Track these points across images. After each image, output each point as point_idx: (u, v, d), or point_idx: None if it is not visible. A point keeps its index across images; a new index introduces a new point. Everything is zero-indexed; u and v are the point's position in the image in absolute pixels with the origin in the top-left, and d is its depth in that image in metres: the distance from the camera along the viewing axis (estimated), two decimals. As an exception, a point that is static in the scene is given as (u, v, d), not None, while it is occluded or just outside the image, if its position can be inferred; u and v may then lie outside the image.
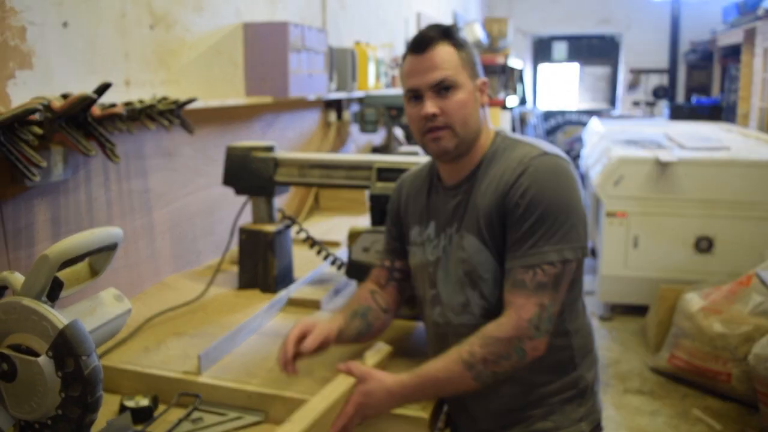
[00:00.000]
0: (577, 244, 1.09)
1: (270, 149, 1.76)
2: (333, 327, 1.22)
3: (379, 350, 1.28)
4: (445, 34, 1.14)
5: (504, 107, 6.23)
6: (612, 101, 9.26)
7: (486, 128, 1.20)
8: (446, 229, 1.21)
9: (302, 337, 1.18)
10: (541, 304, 1.07)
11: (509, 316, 1.08)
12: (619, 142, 4.46)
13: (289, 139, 2.69)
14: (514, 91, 7.05)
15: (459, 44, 1.15)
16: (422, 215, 1.27)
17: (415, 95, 1.15)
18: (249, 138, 2.32)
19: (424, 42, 1.14)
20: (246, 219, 1.79)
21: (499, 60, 6.45)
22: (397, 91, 3.70)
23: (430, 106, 1.13)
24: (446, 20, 6.17)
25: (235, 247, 1.80)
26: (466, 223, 1.17)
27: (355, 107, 3.39)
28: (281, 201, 2.56)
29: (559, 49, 9.27)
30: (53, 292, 1.05)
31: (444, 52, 1.13)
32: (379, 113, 3.17)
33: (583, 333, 1.22)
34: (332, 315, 1.28)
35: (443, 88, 1.12)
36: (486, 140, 1.19)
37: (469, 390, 1.09)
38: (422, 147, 1.19)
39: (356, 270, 1.58)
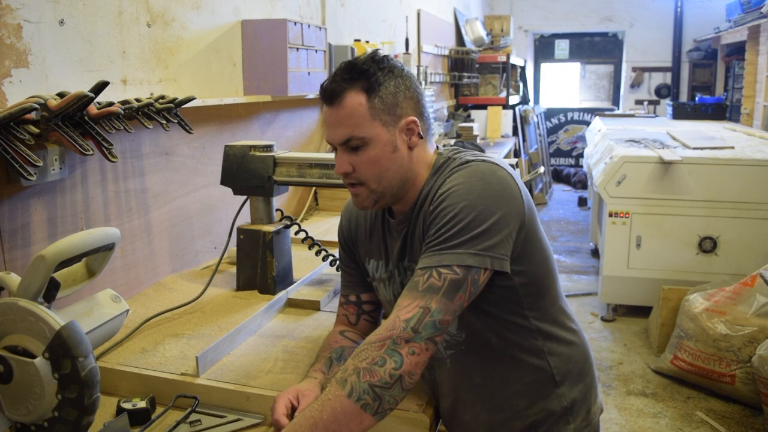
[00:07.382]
0: (487, 251, 0.97)
1: (269, 148, 1.74)
2: (316, 387, 1.12)
3: None
4: (358, 77, 1.04)
5: (505, 106, 6.24)
6: (614, 100, 9.24)
7: (419, 168, 1.10)
8: (399, 264, 1.16)
9: (291, 410, 1.07)
10: (425, 307, 0.94)
11: (388, 319, 0.97)
12: (622, 141, 4.44)
13: (288, 138, 2.68)
14: (516, 90, 7.04)
15: (374, 86, 1.04)
16: (380, 250, 1.20)
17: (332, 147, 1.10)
18: (247, 137, 2.30)
19: (329, 93, 1.05)
20: (244, 219, 1.78)
21: (501, 58, 6.46)
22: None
23: (342, 165, 1.07)
24: (447, 18, 6.13)
25: (233, 248, 1.79)
26: (413, 257, 1.11)
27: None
28: (280, 201, 2.54)
29: (561, 47, 9.25)
30: (50, 292, 1.04)
31: (352, 104, 1.03)
32: (380, 112, 3.14)
33: (564, 352, 1.14)
34: (308, 375, 1.17)
35: (352, 147, 1.06)
36: (424, 175, 1.11)
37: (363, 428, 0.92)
38: None
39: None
